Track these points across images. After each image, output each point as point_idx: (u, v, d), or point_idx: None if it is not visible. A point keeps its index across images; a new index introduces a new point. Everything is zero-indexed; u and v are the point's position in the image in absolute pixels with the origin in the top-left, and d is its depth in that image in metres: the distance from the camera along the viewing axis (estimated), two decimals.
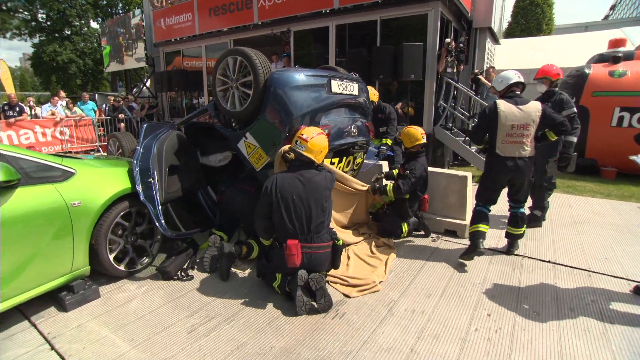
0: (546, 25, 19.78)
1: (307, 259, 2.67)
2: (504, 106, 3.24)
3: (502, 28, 11.11)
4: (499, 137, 3.24)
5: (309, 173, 2.77)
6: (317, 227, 2.71)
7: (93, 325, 2.45)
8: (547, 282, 3.03)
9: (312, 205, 2.69)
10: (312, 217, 2.69)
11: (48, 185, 2.49)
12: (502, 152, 3.25)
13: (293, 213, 2.67)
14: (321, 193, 2.74)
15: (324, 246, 2.73)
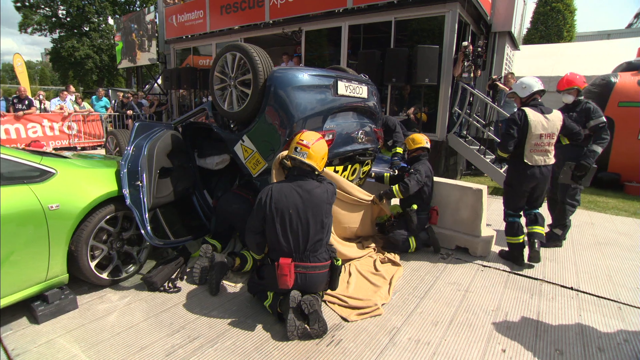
0: (567, 33, 19.16)
1: (301, 279, 2.40)
2: (532, 115, 3.24)
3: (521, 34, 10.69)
4: (527, 146, 3.28)
5: (309, 184, 2.50)
6: (314, 245, 2.44)
7: (64, 341, 2.24)
8: (570, 312, 2.71)
9: (311, 221, 2.42)
10: (309, 233, 2.42)
11: (22, 186, 2.29)
12: (529, 161, 3.30)
13: (288, 229, 2.40)
14: (321, 208, 2.46)
15: (321, 266, 2.46)
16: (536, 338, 2.40)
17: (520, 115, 3.27)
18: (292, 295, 2.32)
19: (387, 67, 6.39)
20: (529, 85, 3.36)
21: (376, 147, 3.79)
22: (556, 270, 3.41)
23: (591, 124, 3.65)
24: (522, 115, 3.25)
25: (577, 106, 3.75)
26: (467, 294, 2.96)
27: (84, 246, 2.58)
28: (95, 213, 2.65)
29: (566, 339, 2.40)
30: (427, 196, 3.71)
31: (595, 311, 2.73)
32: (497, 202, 5.78)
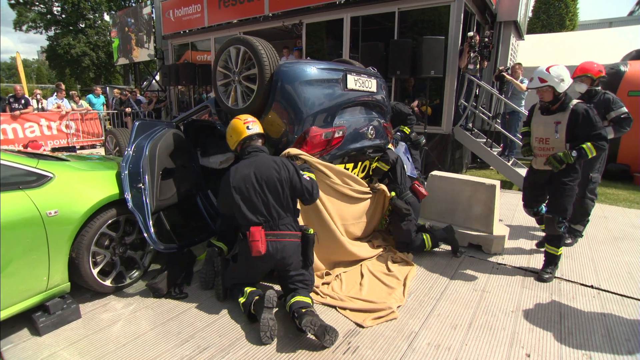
0: (569, 21, 18.91)
1: (272, 248, 2.39)
2: None
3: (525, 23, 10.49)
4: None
5: (262, 159, 2.53)
6: (279, 214, 2.46)
7: (67, 354, 2.13)
8: (593, 313, 2.60)
9: (268, 192, 2.43)
10: (270, 204, 2.43)
11: (18, 192, 2.17)
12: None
13: (252, 201, 2.41)
14: (269, 169, 2.46)
15: (291, 234, 2.46)
16: (561, 341, 2.29)
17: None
18: (268, 295, 2.28)
19: (391, 59, 6.23)
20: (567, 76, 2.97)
21: (386, 143, 3.66)
22: (574, 267, 3.30)
23: (612, 115, 3.48)
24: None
25: (594, 97, 3.58)
26: (484, 294, 2.85)
27: (85, 253, 2.46)
28: (96, 218, 2.53)
29: (593, 341, 2.29)
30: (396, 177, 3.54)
31: (619, 311, 2.62)
32: (505, 195, 5.67)
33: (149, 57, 12.80)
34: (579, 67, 3.68)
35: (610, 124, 3.51)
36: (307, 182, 2.52)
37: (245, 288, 2.50)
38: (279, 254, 2.41)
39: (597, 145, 2.80)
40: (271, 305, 2.26)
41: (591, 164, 3.66)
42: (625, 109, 3.47)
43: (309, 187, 2.51)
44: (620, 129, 3.48)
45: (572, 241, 3.80)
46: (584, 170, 3.67)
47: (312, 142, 2.75)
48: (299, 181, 2.48)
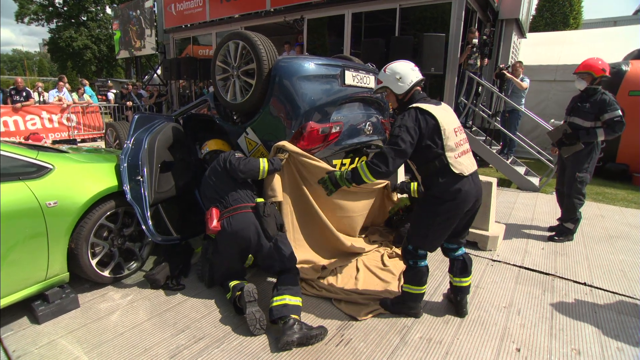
0: (573, 20, 18.80)
1: (227, 223, 2.51)
2: None
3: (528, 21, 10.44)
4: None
5: (213, 161, 2.79)
6: (226, 191, 2.64)
7: (65, 342, 2.17)
8: (585, 310, 2.64)
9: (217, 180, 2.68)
10: (222, 187, 2.64)
11: (18, 183, 2.20)
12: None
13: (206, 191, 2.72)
14: (217, 168, 2.71)
15: (243, 206, 2.57)
16: (551, 337, 2.33)
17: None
18: (247, 290, 2.33)
19: (392, 56, 6.21)
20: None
21: (384, 139, 3.67)
22: (568, 265, 3.33)
23: (605, 117, 3.44)
24: None
25: (591, 96, 3.54)
26: (478, 289, 2.88)
27: (84, 244, 2.50)
28: (95, 209, 2.56)
29: (583, 337, 2.33)
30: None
31: (611, 308, 2.66)
32: (504, 193, 5.69)
33: (152, 51, 12.78)
34: (583, 62, 3.61)
35: (603, 126, 3.49)
36: (236, 159, 2.68)
37: (230, 283, 2.54)
38: (232, 228, 2.50)
39: (371, 166, 2.15)
40: (252, 298, 2.30)
41: (578, 163, 3.64)
42: (620, 112, 3.42)
43: (233, 162, 2.65)
44: (612, 132, 3.45)
45: (562, 238, 3.82)
46: (570, 169, 3.72)
47: (309, 137, 2.78)
48: (229, 160, 2.67)
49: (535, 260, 3.40)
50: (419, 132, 2.14)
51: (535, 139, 7.30)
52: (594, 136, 3.52)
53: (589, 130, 3.55)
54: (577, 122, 3.62)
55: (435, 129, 2.15)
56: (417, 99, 2.30)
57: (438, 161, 2.18)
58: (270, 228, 2.53)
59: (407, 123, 2.13)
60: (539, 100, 8.90)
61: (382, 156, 2.12)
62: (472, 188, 2.22)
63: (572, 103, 3.79)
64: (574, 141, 3.62)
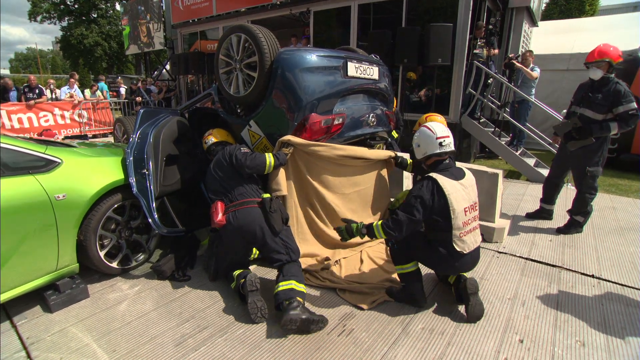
0: (589, 6, 18.20)
1: (232, 217, 2.53)
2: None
3: (540, 9, 10.16)
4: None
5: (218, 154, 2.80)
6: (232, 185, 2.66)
7: (76, 330, 2.25)
8: (591, 302, 2.60)
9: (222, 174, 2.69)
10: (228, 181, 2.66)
11: (28, 177, 2.27)
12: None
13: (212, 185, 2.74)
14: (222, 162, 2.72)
15: (249, 201, 2.58)
16: (555, 328, 2.31)
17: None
18: (249, 279, 2.37)
19: (399, 47, 6.14)
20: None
21: (388, 130, 3.66)
22: (576, 257, 3.28)
23: (620, 110, 3.24)
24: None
25: (604, 86, 3.33)
26: (483, 281, 2.87)
27: (92, 235, 2.57)
28: (103, 202, 2.62)
29: (588, 329, 2.30)
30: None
31: (618, 300, 2.61)
32: (512, 185, 5.61)
33: (161, 46, 12.87)
34: (596, 50, 3.35)
35: (616, 119, 3.31)
36: (242, 154, 2.69)
37: (234, 272, 2.59)
38: (238, 222, 2.51)
39: (385, 229, 2.32)
40: (254, 288, 2.34)
41: (588, 157, 3.50)
42: (635, 105, 3.21)
43: (240, 157, 2.66)
44: (625, 126, 3.27)
45: (572, 230, 3.75)
46: (580, 163, 3.59)
47: (312, 129, 2.78)
48: (235, 155, 2.69)
49: (542, 252, 3.36)
50: (431, 204, 2.28)
51: (547, 131, 7.15)
52: (607, 130, 3.32)
53: (602, 124, 3.35)
54: (587, 115, 3.43)
55: (445, 207, 2.26)
56: (439, 169, 2.40)
57: (443, 235, 2.33)
58: (276, 223, 2.54)
59: (424, 195, 2.27)
60: (551, 90, 8.69)
61: (397, 222, 2.29)
62: (468, 261, 2.40)
63: (580, 92, 3.59)
64: (586, 136, 3.41)
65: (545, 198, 4.11)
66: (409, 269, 2.51)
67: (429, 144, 2.41)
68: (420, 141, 2.47)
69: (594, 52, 3.38)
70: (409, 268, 2.51)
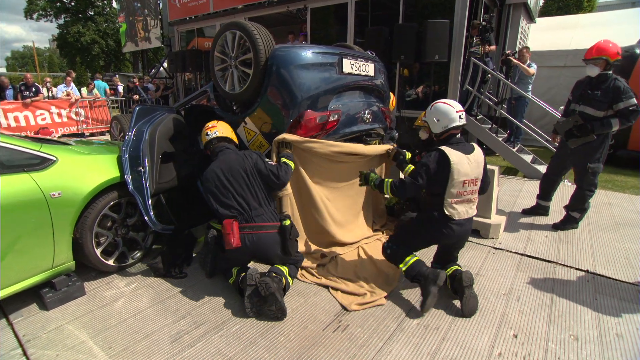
0: (587, 2, 18.20)
1: (249, 240, 2.45)
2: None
3: (537, 5, 10.14)
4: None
5: (228, 155, 2.61)
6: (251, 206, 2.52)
7: (72, 327, 2.25)
8: (585, 296, 2.62)
9: (236, 186, 2.51)
10: (238, 193, 2.51)
11: (23, 175, 2.26)
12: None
13: (221, 196, 2.52)
14: (236, 163, 2.55)
15: (268, 226, 2.49)
16: (549, 323, 2.33)
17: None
18: (250, 273, 2.36)
19: (396, 43, 6.13)
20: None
21: (385, 127, 3.66)
22: (571, 252, 3.29)
23: (620, 107, 3.24)
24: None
25: (603, 83, 3.33)
26: (478, 277, 2.88)
27: (88, 233, 2.57)
28: (99, 200, 2.62)
29: (581, 324, 2.32)
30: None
31: (612, 295, 2.63)
32: (509, 182, 5.62)
33: (158, 43, 12.80)
34: (595, 46, 3.35)
35: (616, 115, 3.31)
36: (272, 166, 2.60)
37: (234, 269, 2.59)
38: (254, 247, 2.46)
39: (392, 187, 2.57)
40: (253, 282, 2.34)
41: (590, 154, 3.50)
42: (635, 101, 3.21)
43: (274, 171, 2.60)
44: (626, 122, 3.27)
45: (567, 226, 3.76)
46: (581, 160, 3.59)
47: (307, 126, 2.78)
48: (263, 166, 2.59)
49: (538, 248, 3.37)
50: (436, 171, 2.43)
51: (544, 127, 7.16)
52: (609, 127, 3.32)
53: (603, 121, 3.34)
54: (588, 112, 3.42)
55: (446, 175, 2.40)
56: (450, 142, 2.50)
57: (437, 198, 2.49)
58: (292, 248, 2.56)
59: (430, 163, 2.44)
60: (548, 87, 8.70)
61: (402, 183, 2.53)
62: (457, 229, 2.50)
63: (579, 89, 3.58)
64: (587, 133, 3.40)
65: (542, 194, 4.12)
66: (411, 261, 2.58)
67: (449, 117, 2.49)
68: (440, 116, 2.52)
69: (592, 49, 3.37)
70: (410, 260, 2.59)
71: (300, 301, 2.54)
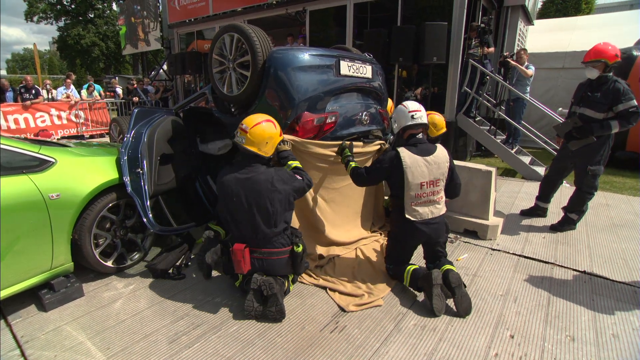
0: (585, 4, 18.28)
1: (259, 264, 2.43)
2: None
3: (536, 7, 10.19)
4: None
5: (252, 170, 2.42)
6: (265, 233, 2.40)
7: (70, 328, 2.26)
8: (582, 297, 2.63)
9: (255, 209, 2.37)
10: (256, 221, 2.38)
11: (22, 176, 2.28)
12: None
13: (236, 216, 2.42)
14: (262, 194, 2.36)
15: (278, 252, 2.45)
16: (546, 324, 2.33)
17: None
18: (254, 277, 2.36)
19: (394, 45, 6.17)
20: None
21: (383, 129, 3.67)
22: (568, 253, 3.30)
23: (620, 108, 3.23)
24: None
25: (603, 85, 3.34)
26: (476, 278, 2.89)
27: (87, 235, 2.58)
28: (97, 201, 2.63)
29: (578, 324, 2.33)
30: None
31: (609, 296, 2.64)
32: (508, 183, 5.64)
33: (158, 45, 12.85)
34: (593, 49, 3.36)
35: (616, 117, 3.30)
36: (301, 182, 2.52)
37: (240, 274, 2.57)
38: (263, 269, 2.44)
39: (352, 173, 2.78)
40: (257, 286, 2.34)
41: (590, 155, 3.50)
42: (635, 102, 3.21)
43: (304, 186, 2.54)
44: (626, 124, 3.26)
45: (565, 227, 3.77)
46: (582, 162, 3.59)
47: (304, 128, 2.80)
48: (297, 186, 2.50)
49: (536, 249, 3.39)
50: (389, 172, 2.59)
51: (542, 129, 7.18)
52: (608, 128, 3.32)
53: (603, 123, 3.34)
54: (588, 114, 3.43)
55: (400, 177, 2.53)
56: (409, 143, 2.62)
57: (398, 200, 2.62)
58: (301, 269, 2.58)
59: (383, 163, 2.61)
60: (547, 88, 8.73)
61: (358, 173, 2.73)
62: (426, 229, 2.58)
63: (580, 92, 3.60)
64: (587, 135, 3.41)
65: (541, 196, 4.14)
66: (409, 274, 2.64)
67: (402, 117, 2.64)
68: (396, 117, 2.71)
69: (590, 52, 3.39)
70: (408, 274, 2.65)
71: (298, 302, 2.55)
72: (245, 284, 2.47)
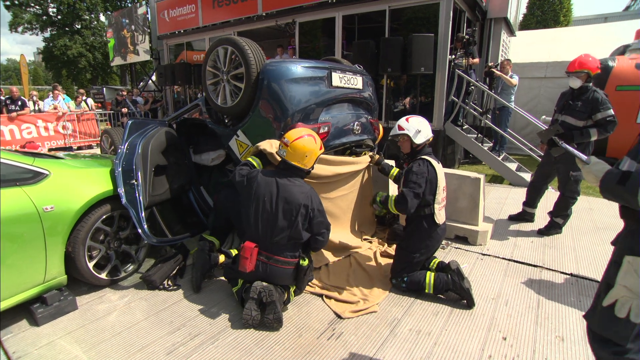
0: (563, 17, 19.00)
1: (262, 268, 2.45)
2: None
3: (517, 20, 10.57)
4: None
5: (290, 180, 2.52)
6: (280, 238, 2.46)
7: (64, 342, 2.23)
8: (570, 299, 2.72)
9: (280, 214, 2.44)
10: (277, 225, 2.45)
11: (15, 189, 2.26)
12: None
13: (260, 215, 2.47)
14: (292, 205, 2.44)
15: (285, 262, 2.49)
16: (537, 325, 2.41)
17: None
18: (254, 286, 2.38)
19: (382, 56, 6.32)
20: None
21: (374, 138, 3.76)
22: (555, 257, 3.41)
23: (598, 117, 3.41)
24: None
25: (583, 94, 3.51)
26: None
27: (81, 247, 2.56)
28: (91, 213, 2.62)
29: (567, 325, 2.40)
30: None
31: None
32: (496, 190, 5.78)
33: (146, 56, 12.84)
34: (577, 60, 3.53)
35: (595, 125, 3.47)
36: (322, 224, 2.55)
37: (240, 280, 2.59)
38: (265, 275, 2.46)
39: (396, 202, 2.72)
40: (256, 295, 2.35)
41: (572, 163, 3.61)
42: (612, 112, 3.39)
43: (322, 229, 2.56)
44: (604, 132, 3.43)
45: (552, 231, 3.89)
46: (565, 168, 3.73)
47: None
48: (319, 215, 2.52)
49: (524, 253, 3.48)
50: (429, 179, 2.66)
51: (528, 136, 7.41)
52: (588, 136, 3.47)
53: (583, 131, 3.50)
54: (569, 122, 3.58)
55: (434, 182, 2.66)
56: (426, 152, 2.79)
57: (427, 209, 2.69)
58: (304, 284, 2.62)
59: (423, 171, 2.65)
60: (531, 97, 9.02)
61: (402, 196, 2.64)
62: (441, 233, 2.79)
63: (562, 100, 3.76)
64: (567, 142, 3.51)
65: (528, 201, 4.26)
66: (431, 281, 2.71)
67: (427, 128, 2.79)
68: (421, 126, 2.76)
69: (574, 62, 3.55)
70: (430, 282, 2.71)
71: (295, 310, 2.57)
72: (244, 291, 2.48)
